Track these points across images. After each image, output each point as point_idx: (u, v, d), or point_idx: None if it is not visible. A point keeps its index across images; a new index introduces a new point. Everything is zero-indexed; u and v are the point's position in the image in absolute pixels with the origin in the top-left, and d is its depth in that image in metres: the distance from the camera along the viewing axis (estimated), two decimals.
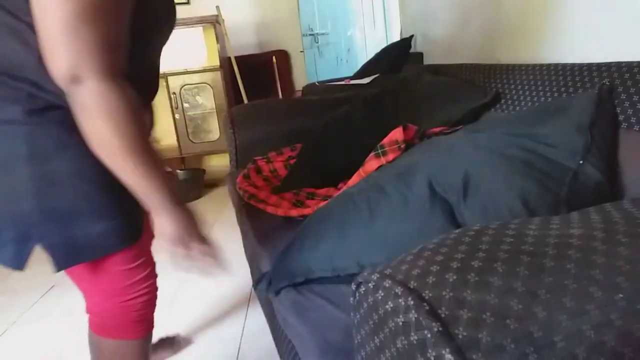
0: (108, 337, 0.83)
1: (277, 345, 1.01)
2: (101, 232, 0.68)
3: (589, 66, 0.98)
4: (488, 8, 1.93)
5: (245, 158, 1.81)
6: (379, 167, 1.00)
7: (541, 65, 1.15)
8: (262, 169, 1.70)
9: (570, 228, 0.40)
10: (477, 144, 0.80)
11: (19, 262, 0.67)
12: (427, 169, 0.80)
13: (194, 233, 0.70)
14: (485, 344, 0.31)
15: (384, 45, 3.58)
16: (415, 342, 0.33)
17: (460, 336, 0.32)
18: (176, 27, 2.85)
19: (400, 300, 0.37)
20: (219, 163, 3.47)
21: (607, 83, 0.87)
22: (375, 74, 2.92)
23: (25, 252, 0.67)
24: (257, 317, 1.49)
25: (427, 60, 2.92)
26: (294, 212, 1.21)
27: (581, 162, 0.72)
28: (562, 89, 1.03)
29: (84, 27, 0.50)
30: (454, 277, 0.36)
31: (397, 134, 1.00)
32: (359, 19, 4.23)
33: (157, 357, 1.24)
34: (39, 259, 2.21)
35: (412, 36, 2.99)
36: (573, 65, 1.04)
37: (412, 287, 0.38)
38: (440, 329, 0.32)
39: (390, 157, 1.00)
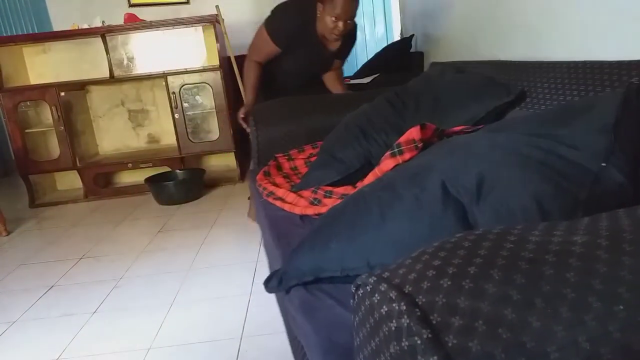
0: None
1: (290, 342, 1.00)
2: None
3: (619, 64, 0.96)
4: (487, 7, 1.92)
5: (267, 155, 1.83)
6: (394, 166, 1.00)
7: (569, 63, 1.13)
8: (282, 166, 1.72)
9: (575, 235, 0.39)
10: (495, 144, 0.79)
11: None
12: (441, 169, 0.79)
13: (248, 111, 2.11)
14: (475, 353, 0.31)
15: (384, 44, 3.58)
16: (406, 348, 0.34)
17: (450, 344, 0.32)
18: (176, 27, 3.03)
19: (394, 304, 0.37)
20: (218, 163, 3.47)
21: (637, 82, 0.84)
22: (375, 74, 2.93)
23: None
24: (257, 318, 1.50)
25: (427, 60, 2.92)
26: (310, 211, 1.23)
27: (604, 164, 0.69)
28: (590, 87, 1.00)
29: (253, 48, 2.15)
30: (449, 282, 0.36)
31: (413, 132, 0.99)
32: (359, 18, 4.21)
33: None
34: (40, 258, 2.22)
35: (412, 35, 2.99)
36: (602, 63, 1.01)
37: (406, 291, 0.38)
38: (430, 335, 0.33)
39: (407, 156, 0.99)
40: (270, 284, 0.89)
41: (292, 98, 2.02)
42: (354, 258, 0.78)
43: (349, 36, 2.09)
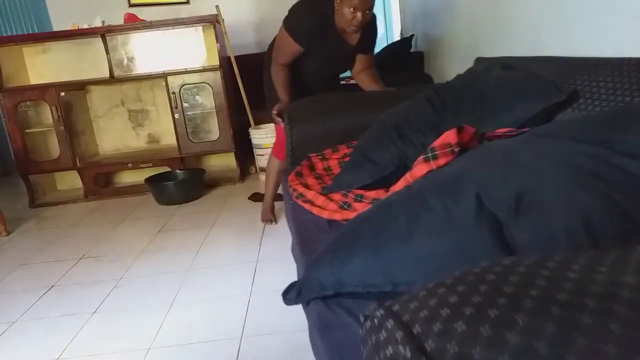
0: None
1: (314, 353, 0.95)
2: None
3: None
4: (487, 7, 1.89)
5: (300, 154, 1.75)
6: (427, 172, 0.91)
7: (630, 59, 1.02)
8: (315, 166, 1.65)
9: (624, 273, 0.33)
10: (540, 152, 0.70)
11: None
12: (477, 178, 0.71)
13: (282, 109, 1.95)
14: None
15: (384, 44, 3.54)
16: None
17: None
18: (176, 27, 2.98)
19: (399, 347, 0.33)
20: (218, 163, 3.42)
21: None
22: None
23: None
24: (257, 318, 1.49)
25: (427, 60, 2.88)
26: (338, 216, 1.17)
27: None
28: None
29: (276, 51, 2.07)
30: (464, 327, 0.31)
31: (450, 136, 0.90)
32: None
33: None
34: (40, 258, 2.17)
35: (412, 35, 2.95)
36: None
37: (415, 332, 0.34)
38: None
39: (441, 161, 0.90)
40: (288, 296, 0.83)
41: (327, 95, 1.96)
42: (377, 274, 0.72)
43: (369, 28, 2.06)
